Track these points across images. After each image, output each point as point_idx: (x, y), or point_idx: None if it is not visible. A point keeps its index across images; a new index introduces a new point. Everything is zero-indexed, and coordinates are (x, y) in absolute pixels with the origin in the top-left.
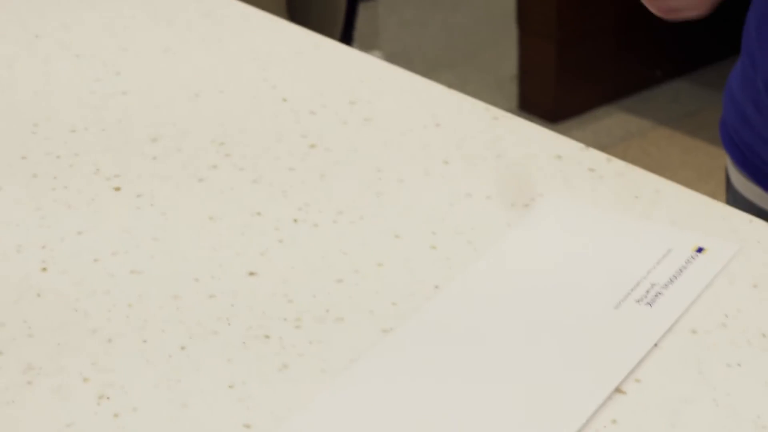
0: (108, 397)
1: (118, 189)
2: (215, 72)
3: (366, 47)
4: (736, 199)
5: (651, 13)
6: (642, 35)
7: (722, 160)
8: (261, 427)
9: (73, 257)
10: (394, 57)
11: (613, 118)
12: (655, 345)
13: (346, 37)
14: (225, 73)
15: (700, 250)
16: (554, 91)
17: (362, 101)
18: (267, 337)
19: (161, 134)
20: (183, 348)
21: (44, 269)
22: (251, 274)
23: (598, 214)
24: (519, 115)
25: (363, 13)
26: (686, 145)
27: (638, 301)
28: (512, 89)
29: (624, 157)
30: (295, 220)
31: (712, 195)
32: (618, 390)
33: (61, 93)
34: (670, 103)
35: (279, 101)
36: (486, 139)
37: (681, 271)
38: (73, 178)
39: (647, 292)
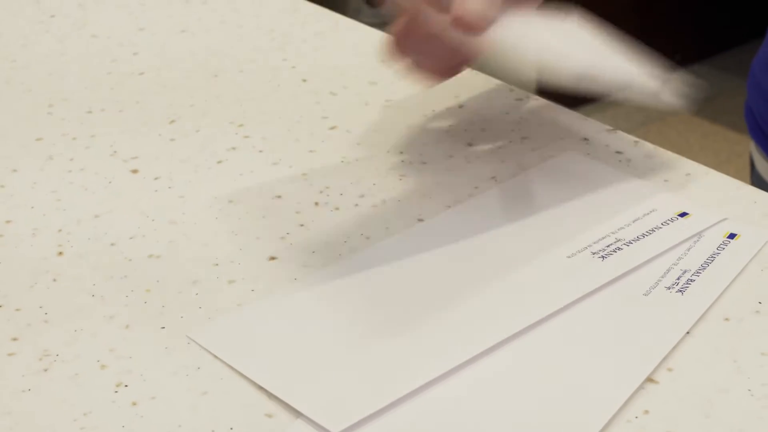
0: (126, 385)
1: (135, 171)
2: (233, 52)
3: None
4: (761, 187)
5: None
6: (661, 19)
7: (742, 146)
8: (283, 417)
9: (90, 241)
10: None
11: (633, 103)
12: (687, 333)
13: None
14: (243, 53)
15: (732, 236)
16: None
17: (384, 82)
18: None
19: (179, 115)
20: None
21: (60, 253)
22: (272, 258)
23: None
24: None
25: None
26: (705, 130)
27: (669, 288)
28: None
29: None
30: (317, 204)
31: None
32: (649, 379)
33: (77, 73)
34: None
35: (299, 82)
36: (510, 121)
37: (713, 257)
38: (90, 160)
39: (678, 279)
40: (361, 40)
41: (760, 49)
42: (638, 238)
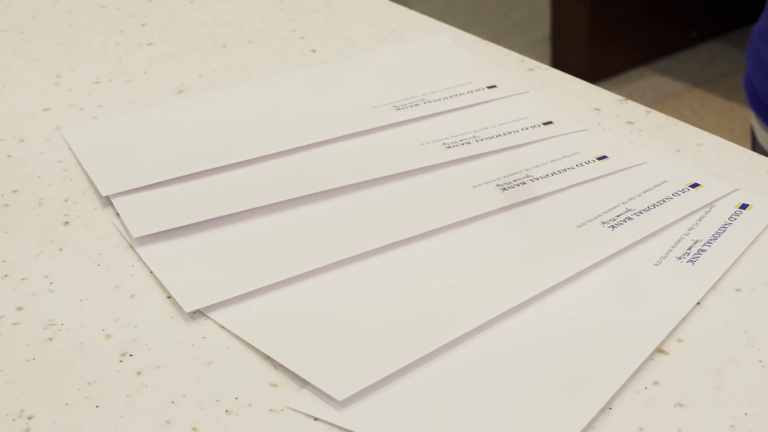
0: (131, 354)
1: None
2: (242, 23)
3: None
4: None
5: None
6: None
7: None
8: (288, 387)
9: (95, 211)
10: None
11: (647, 80)
12: (698, 304)
13: None
14: (252, 24)
15: (744, 206)
16: (588, 52)
17: None
18: None
19: (187, 86)
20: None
21: (66, 223)
22: None
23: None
24: None
25: None
26: (720, 107)
27: (679, 258)
28: (545, 50)
29: None
30: None
31: None
32: (659, 350)
33: (85, 44)
34: (705, 65)
35: (308, 52)
36: None
37: (724, 227)
38: None
39: (689, 249)
40: (370, 10)
41: (760, 19)
42: (649, 209)
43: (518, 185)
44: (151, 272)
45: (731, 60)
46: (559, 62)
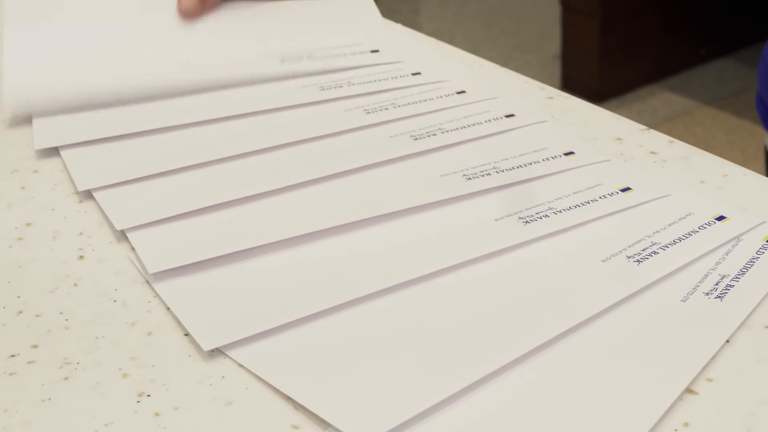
0: (148, 395)
1: None
2: None
3: (406, 26)
4: None
5: None
6: (687, 13)
7: None
8: (309, 429)
9: (111, 245)
10: (434, 35)
11: (658, 98)
12: (727, 341)
13: None
14: None
15: None
16: (598, 69)
17: None
18: None
19: None
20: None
21: (81, 257)
22: None
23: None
24: None
25: None
26: (732, 125)
27: (707, 294)
28: (555, 68)
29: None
30: None
31: None
32: (689, 390)
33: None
34: (715, 83)
35: None
36: None
37: (752, 262)
38: None
39: (716, 284)
40: (391, 35)
41: None
42: (674, 242)
43: (541, 218)
44: (168, 309)
45: (742, 77)
46: (569, 80)
